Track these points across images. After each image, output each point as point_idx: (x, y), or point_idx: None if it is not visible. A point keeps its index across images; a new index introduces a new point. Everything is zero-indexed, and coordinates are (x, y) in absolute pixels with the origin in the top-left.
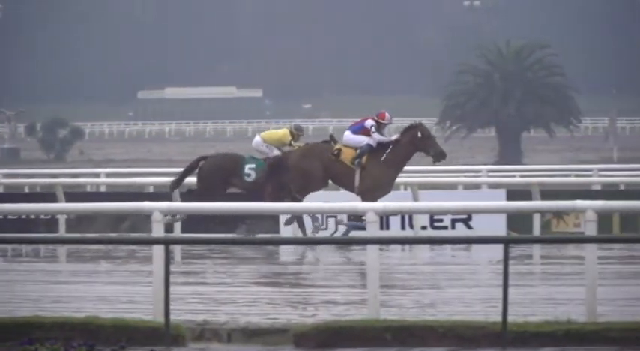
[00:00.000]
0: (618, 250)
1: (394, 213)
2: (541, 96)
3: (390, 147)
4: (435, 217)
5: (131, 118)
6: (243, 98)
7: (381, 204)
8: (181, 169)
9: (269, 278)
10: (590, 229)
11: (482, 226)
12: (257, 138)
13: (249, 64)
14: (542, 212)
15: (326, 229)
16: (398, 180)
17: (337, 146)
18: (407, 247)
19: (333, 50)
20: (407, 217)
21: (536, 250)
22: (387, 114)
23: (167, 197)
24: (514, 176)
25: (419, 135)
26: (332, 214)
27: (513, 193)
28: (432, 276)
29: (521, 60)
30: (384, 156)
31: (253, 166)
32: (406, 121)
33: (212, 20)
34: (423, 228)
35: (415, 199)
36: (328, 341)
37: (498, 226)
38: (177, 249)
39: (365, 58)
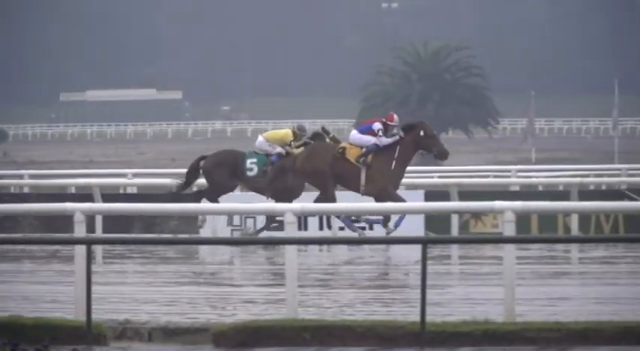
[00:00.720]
0: (537, 250)
1: (312, 214)
2: (459, 97)
3: (393, 148)
4: (353, 218)
5: (54, 120)
6: (163, 100)
7: (299, 205)
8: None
9: (189, 278)
10: (509, 230)
11: (401, 227)
12: (260, 138)
13: (170, 66)
14: (461, 213)
15: (243, 228)
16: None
17: (342, 144)
18: (325, 247)
19: (252, 52)
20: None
21: (455, 250)
22: (395, 116)
23: (89, 198)
24: (432, 177)
25: (421, 133)
26: (249, 214)
27: (431, 194)
28: (350, 276)
29: (439, 61)
30: (389, 155)
31: (255, 160)
32: (326, 122)
33: (133, 22)
34: (341, 229)
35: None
36: (247, 341)
37: (416, 227)
38: (98, 249)
39: (284, 60)
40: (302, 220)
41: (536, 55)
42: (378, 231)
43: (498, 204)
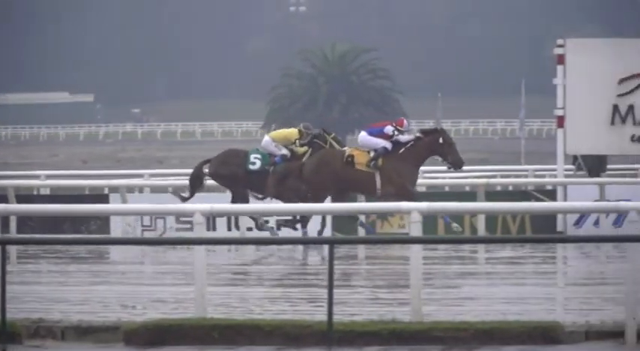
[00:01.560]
0: (444, 250)
1: (220, 214)
2: (366, 99)
3: (404, 148)
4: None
5: None
6: (76, 103)
7: (208, 205)
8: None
9: (101, 277)
10: (415, 230)
11: (310, 228)
12: (266, 137)
13: (84, 70)
14: (368, 214)
15: (154, 229)
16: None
17: (348, 152)
18: (233, 247)
19: (163, 56)
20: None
21: (362, 250)
22: (405, 121)
23: (4, 199)
24: None
25: (440, 140)
26: (159, 215)
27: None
28: (259, 276)
29: (346, 64)
30: (401, 151)
31: (259, 156)
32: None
33: (47, 27)
34: (249, 229)
35: None
36: (157, 339)
37: (325, 228)
38: (12, 249)
39: (194, 63)
40: (211, 220)
41: (443, 56)
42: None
43: (405, 205)
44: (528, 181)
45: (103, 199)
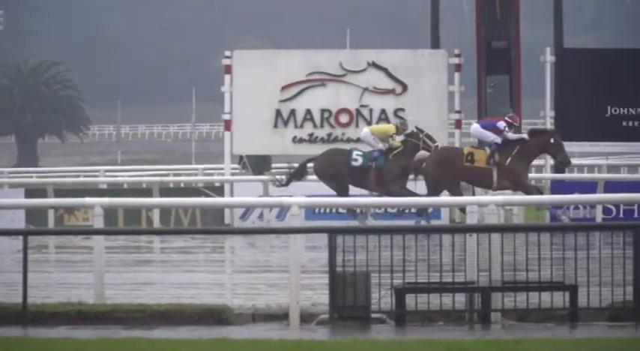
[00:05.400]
0: (124, 241)
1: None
2: (55, 107)
3: (518, 146)
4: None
5: None
6: None
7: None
8: None
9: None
10: (98, 223)
11: (4, 221)
12: (365, 129)
13: None
14: (56, 208)
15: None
16: None
17: (467, 150)
18: None
19: None
20: None
21: (52, 240)
22: (517, 118)
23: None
24: (31, 177)
25: (552, 141)
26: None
27: (31, 192)
28: None
29: (38, 76)
30: (515, 151)
31: (360, 153)
32: None
33: None
34: None
35: None
36: None
37: (18, 221)
38: None
39: None
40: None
41: (124, 68)
42: None
43: (88, 200)
44: (198, 178)
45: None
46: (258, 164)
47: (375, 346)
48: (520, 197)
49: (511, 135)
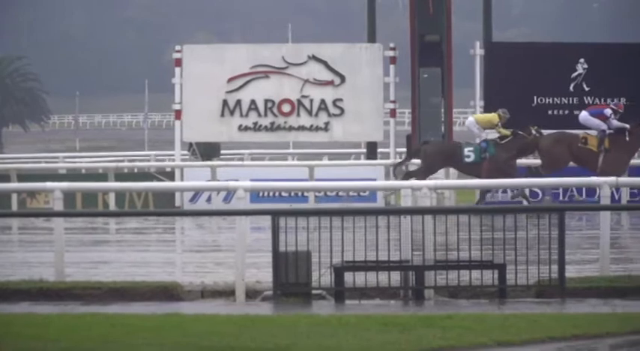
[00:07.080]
0: (82, 222)
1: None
2: (18, 98)
3: (627, 136)
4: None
5: None
6: None
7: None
8: None
9: None
10: (58, 206)
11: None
12: (470, 118)
13: None
14: (19, 192)
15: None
16: None
17: (582, 135)
18: None
19: None
20: None
21: (15, 222)
22: (622, 105)
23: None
24: None
25: None
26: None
27: None
28: None
29: (2, 69)
30: (625, 141)
31: (472, 148)
32: None
33: None
34: None
35: None
36: None
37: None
38: None
39: None
40: None
41: (83, 61)
42: None
43: (49, 184)
44: (151, 164)
45: None
46: (207, 151)
47: (316, 320)
48: (450, 181)
49: (616, 122)
